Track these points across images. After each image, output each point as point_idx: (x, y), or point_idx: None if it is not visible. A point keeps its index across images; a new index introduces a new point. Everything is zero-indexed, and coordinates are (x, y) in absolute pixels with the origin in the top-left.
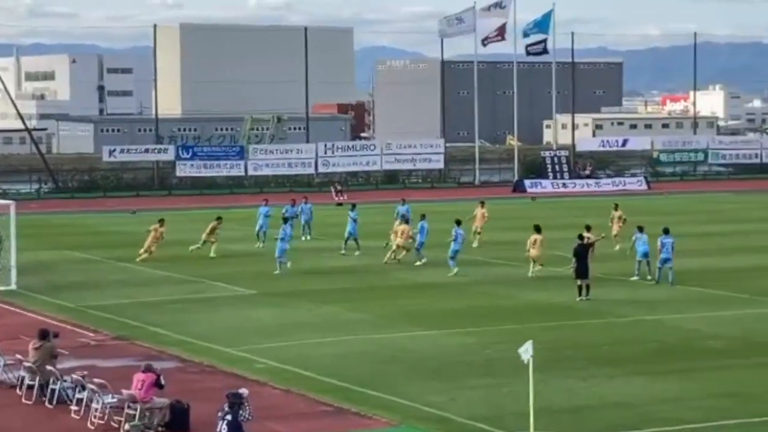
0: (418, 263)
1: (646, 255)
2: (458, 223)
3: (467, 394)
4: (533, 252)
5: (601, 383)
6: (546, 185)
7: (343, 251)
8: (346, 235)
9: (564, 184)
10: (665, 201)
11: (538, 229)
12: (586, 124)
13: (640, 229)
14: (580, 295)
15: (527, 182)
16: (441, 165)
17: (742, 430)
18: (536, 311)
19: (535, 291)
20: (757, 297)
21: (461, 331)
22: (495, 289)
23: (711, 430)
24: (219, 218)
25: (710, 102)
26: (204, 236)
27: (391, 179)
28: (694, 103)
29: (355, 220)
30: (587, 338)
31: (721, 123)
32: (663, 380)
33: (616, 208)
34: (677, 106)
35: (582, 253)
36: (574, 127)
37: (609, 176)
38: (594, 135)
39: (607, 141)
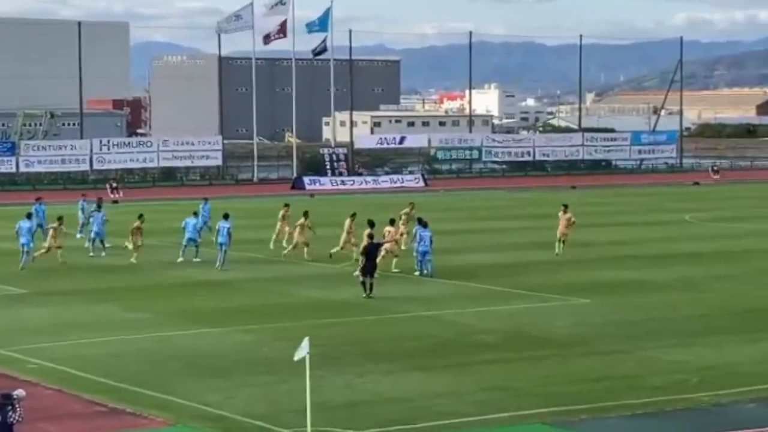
0: (195, 259)
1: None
2: (225, 216)
3: (245, 392)
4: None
5: (377, 379)
6: (325, 182)
7: (91, 253)
8: (92, 235)
9: (342, 182)
10: (441, 198)
11: (371, 224)
12: (364, 122)
13: (420, 221)
14: (365, 292)
15: (306, 179)
16: (219, 162)
17: (514, 422)
18: (315, 308)
19: (315, 289)
20: (527, 292)
21: (240, 329)
22: (275, 287)
23: (485, 423)
24: (60, 218)
25: (486, 100)
26: (50, 243)
27: (169, 176)
28: (470, 102)
29: (103, 221)
30: (365, 334)
31: (496, 121)
32: (439, 375)
33: (411, 207)
34: (454, 104)
35: (371, 251)
36: (352, 124)
37: (387, 173)
38: (372, 132)
39: (385, 138)
